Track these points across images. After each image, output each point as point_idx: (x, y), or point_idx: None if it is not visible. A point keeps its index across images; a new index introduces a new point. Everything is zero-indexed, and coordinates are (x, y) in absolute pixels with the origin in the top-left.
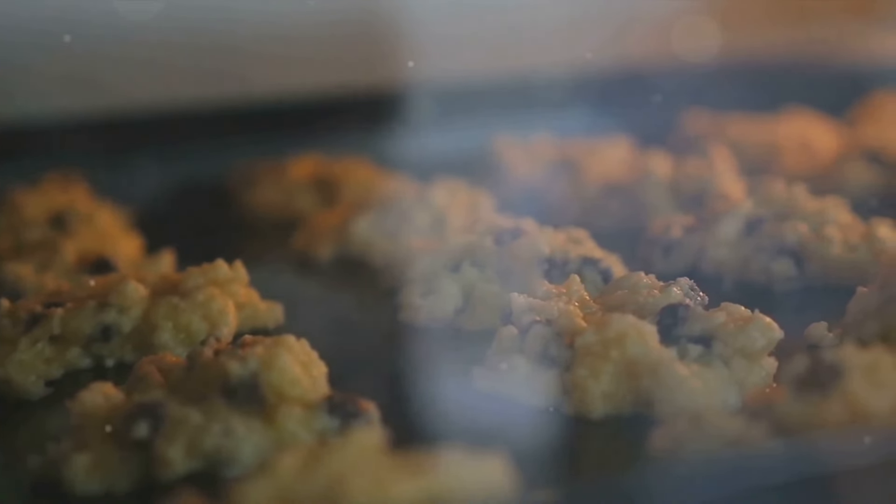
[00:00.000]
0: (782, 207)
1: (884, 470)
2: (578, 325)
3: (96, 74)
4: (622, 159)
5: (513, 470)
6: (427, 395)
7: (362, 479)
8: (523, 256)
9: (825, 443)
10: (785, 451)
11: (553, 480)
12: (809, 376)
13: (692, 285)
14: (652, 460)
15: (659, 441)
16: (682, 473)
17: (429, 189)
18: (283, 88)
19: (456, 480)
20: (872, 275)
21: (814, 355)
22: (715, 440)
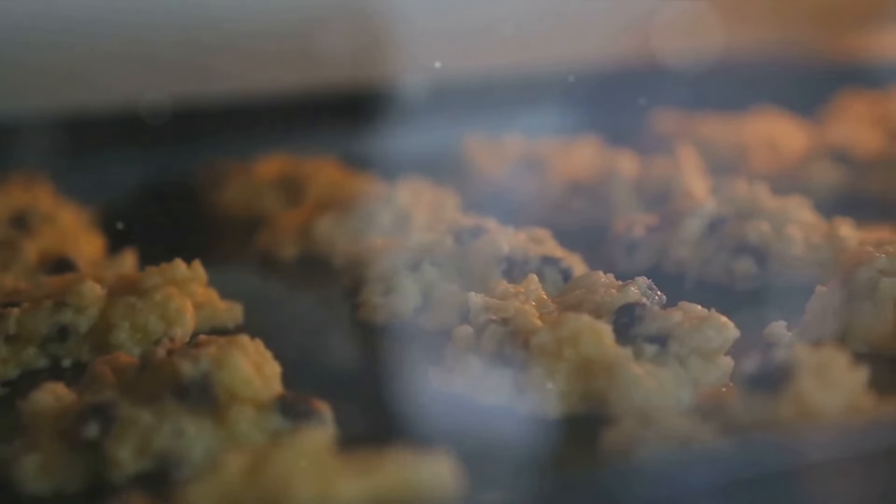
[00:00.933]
0: (745, 207)
1: (834, 468)
2: (534, 325)
3: (61, 73)
4: (590, 159)
5: (461, 469)
6: (383, 395)
7: (308, 479)
8: (483, 256)
9: (776, 441)
10: (735, 450)
11: (507, 480)
12: (761, 375)
13: (650, 284)
14: (604, 459)
15: (610, 440)
16: (633, 472)
17: (393, 189)
18: (253, 87)
19: (402, 480)
20: (833, 274)
21: (765, 354)
22: (666, 439)
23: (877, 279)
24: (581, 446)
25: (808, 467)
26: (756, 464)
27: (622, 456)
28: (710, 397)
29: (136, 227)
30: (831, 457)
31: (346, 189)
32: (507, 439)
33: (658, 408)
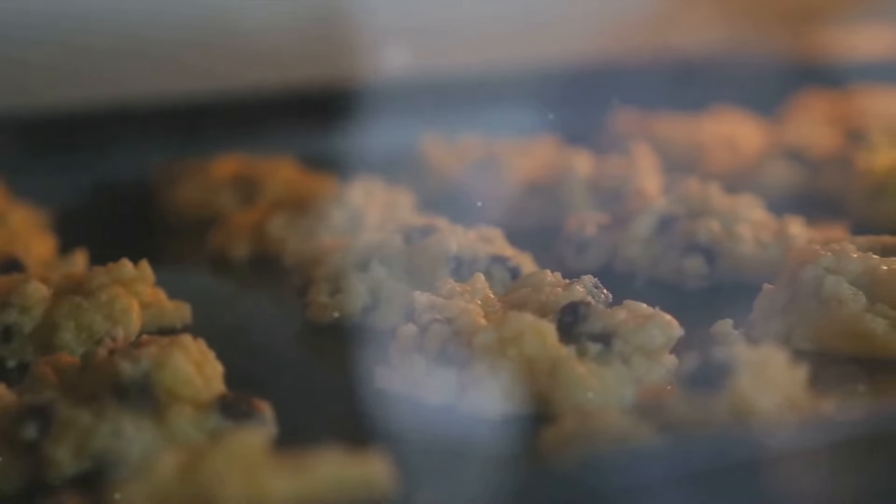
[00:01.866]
0: (696, 206)
1: (772, 464)
2: (477, 324)
3: (15, 73)
4: (547, 158)
5: (400, 468)
6: (327, 394)
7: (239, 479)
8: (431, 255)
9: (714, 439)
10: (672, 448)
11: (447, 478)
12: (700, 374)
13: (596, 283)
14: (543, 458)
15: (550, 439)
16: (571, 471)
17: (346, 188)
18: (210, 86)
19: (335, 479)
20: (781, 272)
21: (705, 353)
22: (605, 438)
23: (822, 277)
24: (523, 445)
25: (745, 464)
26: (693, 461)
27: (561, 454)
28: (650, 395)
29: (90, 227)
30: (769, 454)
31: (301, 188)
32: (449, 438)
33: (598, 406)
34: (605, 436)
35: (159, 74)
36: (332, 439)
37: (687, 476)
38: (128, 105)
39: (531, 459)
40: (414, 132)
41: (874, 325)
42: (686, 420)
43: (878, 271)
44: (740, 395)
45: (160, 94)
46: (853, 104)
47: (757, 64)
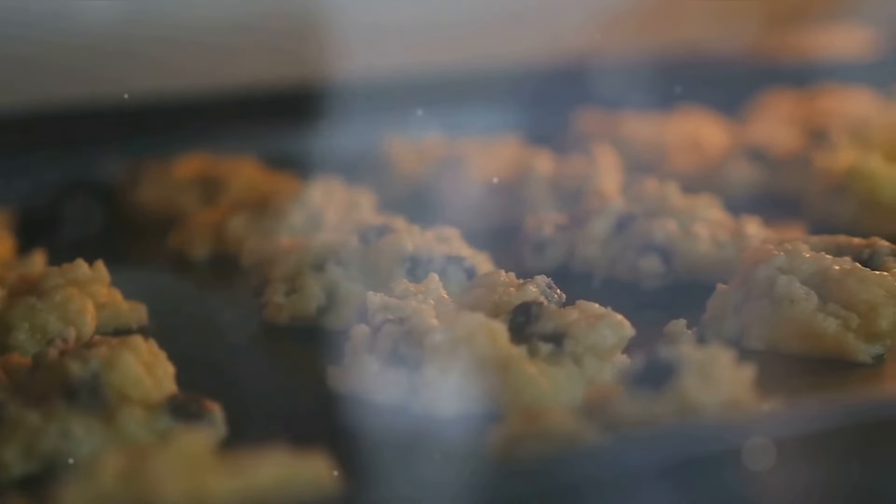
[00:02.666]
0: (654, 205)
1: (714, 464)
2: (429, 324)
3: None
4: (510, 158)
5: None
6: (280, 395)
7: (182, 480)
8: (387, 255)
9: (657, 438)
10: (615, 447)
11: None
12: (646, 373)
13: (549, 283)
14: (491, 458)
15: (497, 439)
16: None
17: (306, 188)
18: (175, 85)
19: (277, 480)
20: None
21: (650, 353)
22: (551, 437)
23: (775, 277)
24: (473, 445)
25: (688, 463)
26: (637, 460)
27: (509, 454)
28: (597, 395)
29: (51, 227)
30: (713, 452)
31: (263, 188)
32: (399, 438)
33: (545, 406)
34: (551, 435)
35: (122, 73)
36: (283, 440)
37: (630, 475)
38: (90, 104)
39: (481, 459)
40: (378, 132)
41: (825, 325)
42: (631, 419)
43: (830, 271)
44: (685, 395)
45: (123, 93)
46: (817, 104)
47: (724, 64)
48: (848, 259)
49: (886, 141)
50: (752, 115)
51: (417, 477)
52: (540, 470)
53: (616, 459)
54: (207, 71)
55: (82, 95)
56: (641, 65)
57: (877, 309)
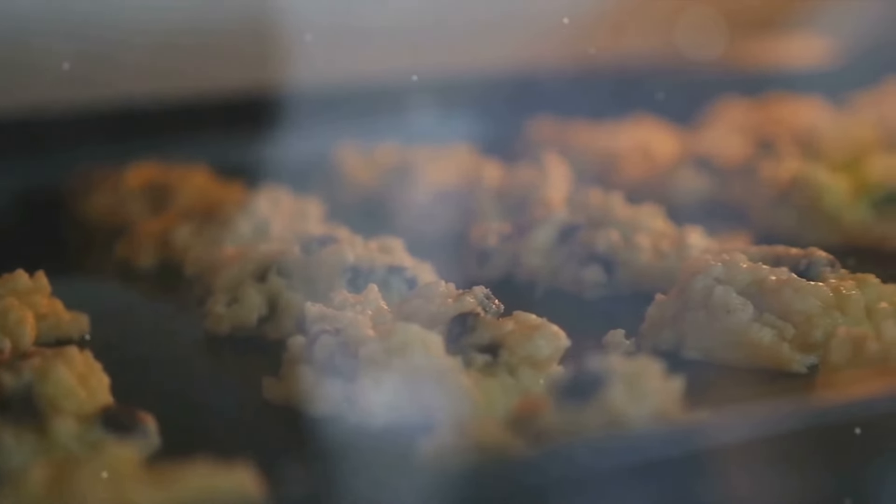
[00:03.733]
0: (597, 215)
1: (643, 475)
2: (365, 335)
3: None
4: (460, 166)
5: (266, 480)
6: (216, 406)
7: (106, 492)
8: (328, 265)
9: (582, 449)
10: (541, 459)
11: (327, 488)
12: (573, 385)
13: (487, 294)
14: (422, 468)
15: (426, 449)
16: (444, 481)
17: (253, 197)
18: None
19: (202, 492)
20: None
21: (578, 364)
22: (479, 448)
23: (711, 287)
24: (405, 456)
25: (614, 474)
26: (562, 471)
27: (438, 465)
28: (527, 406)
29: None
30: (639, 463)
31: (212, 198)
32: (332, 449)
33: (477, 417)
34: (480, 446)
35: (72, 82)
36: (215, 451)
37: (556, 485)
38: (41, 113)
39: (412, 470)
40: (331, 140)
41: (761, 335)
42: (559, 431)
43: (766, 282)
44: (612, 406)
45: (73, 102)
46: (769, 113)
47: (678, 73)
48: (785, 270)
49: (835, 150)
50: (704, 125)
51: (347, 488)
52: (468, 480)
53: (542, 470)
54: (159, 80)
55: (31, 104)
56: (595, 74)
57: (812, 319)
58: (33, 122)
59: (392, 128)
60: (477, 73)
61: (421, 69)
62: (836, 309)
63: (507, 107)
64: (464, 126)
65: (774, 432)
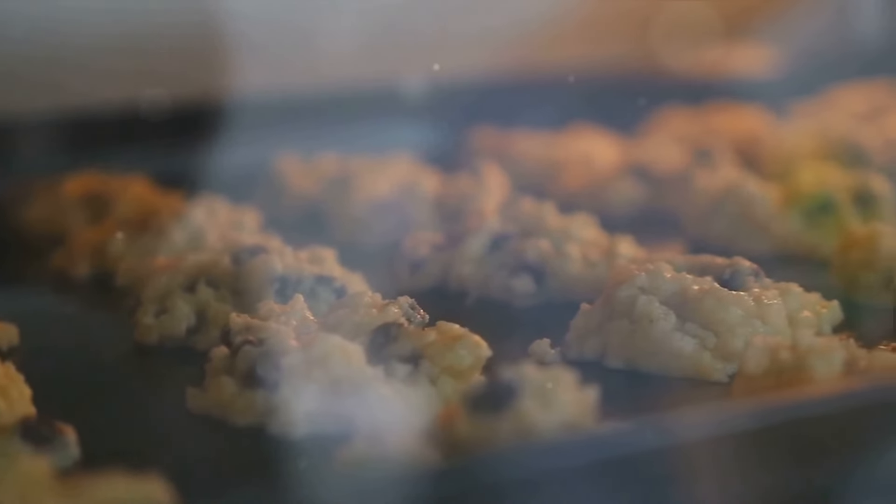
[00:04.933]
0: (529, 225)
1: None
2: (287, 345)
3: None
4: (399, 176)
5: (181, 492)
6: (139, 417)
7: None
8: (257, 276)
9: (496, 459)
10: (452, 469)
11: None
12: (485, 395)
13: (412, 304)
14: (335, 478)
15: (342, 459)
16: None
17: (188, 207)
18: (67, 103)
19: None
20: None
21: (490, 374)
22: (394, 458)
23: (635, 297)
24: (326, 466)
25: (524, 483)
26: (475, 481)
27: (352, 475)
28: (442, 417)
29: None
30: (550, 473)
31: (150, 207)
32: (252, 460)
33: (392, 427)
34: (395, 456)
35: (12, 91)
36: (135, 462)
37: (467, 495)
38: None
39: (329, 480)
40: (273, 150)
41: (682, 344)
42: (471, 440)
43: (689, 291)
44: (524, 416)
45: (11, 110)
46: (709, 122)
47: (621, 82)
48: (709, 279)
49: (772, 159)
50: (644, 133)
51: (262, 498)
52: (383, 490)
53: (455, 480)
54: (100, 88)
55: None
56: (540, 83)
57: (733, 329)
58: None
59: (336, 138)
60: (421, 83)
61: (366, 79)
62: (757, 318)
63: (450, 116)
64: (407, 136)
65: (683, 440)
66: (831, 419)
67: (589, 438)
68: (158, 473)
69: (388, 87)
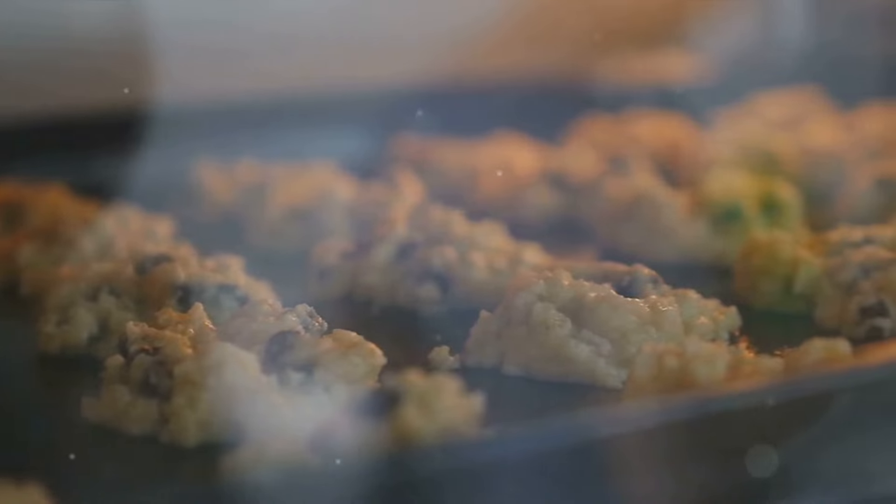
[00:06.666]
0: (437, 233)
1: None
2: (181, 354)
3: None
4: (317, 184)
5: (57, 501)
6: (33, 426)
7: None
8: (160, 284)
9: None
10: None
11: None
12: (369, 403)
13: (311, 312)
14: (219, 486)
15: (228, 466)
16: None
17: (99, 216)
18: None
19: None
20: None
21: (385, 380)
22: (278, 465)
23: (532, 304)
24: (214, 475)
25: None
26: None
27: (238, 482)
28: (327, 424)
29: None
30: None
31: (64, 216)
32: (140, 470)
33: (280, 435)
34: (280, 463)
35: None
36: (24, 471)
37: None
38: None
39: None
40: (195, 158)
41: (577, 351)
42: (355, 447)
43: (586, 298)
44: (406, 423)
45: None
46: (628, 130)
47: (547, 90)
48: (607, 286)
49: (689, 167)
50: (566, 141)
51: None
52: (266, 498)
53: (335, 486)
54: (17, 97)
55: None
56: (464, 91)
57: (627, 335)
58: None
59: (260, 145)
60: (345, 90)
61: (289, 86)
62: (652, 325)
63: (375, 124)
64: (332, 143)
65: (563, 445)
66: (697, 423)
67: (467, 444)
68: (43, 483)
69: (310, 94)
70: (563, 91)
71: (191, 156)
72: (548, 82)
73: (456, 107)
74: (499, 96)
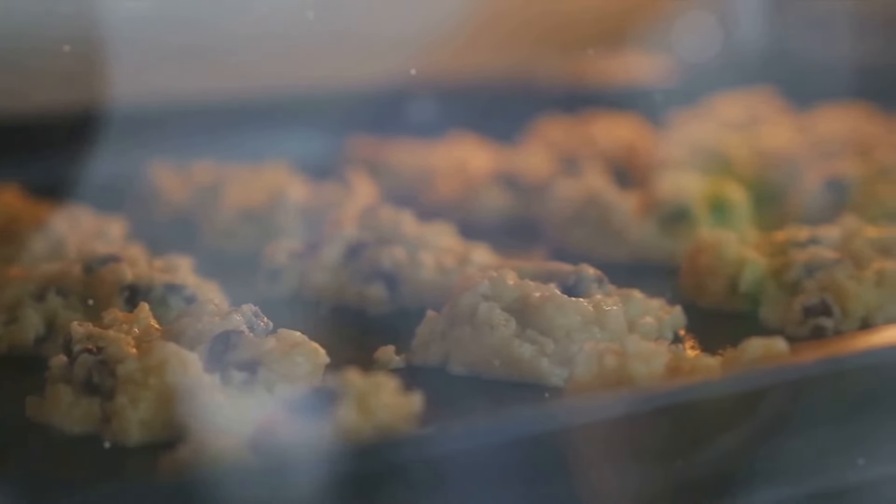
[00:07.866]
0: (386, 233)
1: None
2: (124, 353)
3: None
4: (271, 184)
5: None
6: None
7: None
8: (107, 284)
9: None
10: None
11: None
12: (308, 401)
13: (256, 312)
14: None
15: (167, 465)
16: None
17: (50, 216)
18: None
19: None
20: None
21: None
22: (217, 464)
23: (477, 304)
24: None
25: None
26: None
27: (177, 481)
28: (266, 422)
29: None
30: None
31: (16, 217)
32: (80, 470)
33: (220, 434)
34: (218, 462)
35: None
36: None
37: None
38: None
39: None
40: (149, 158)
41: (521, 350)
42: (292, 444)
43: (530, 298)
44: (344, 422)
45: None
46: (583, 131)
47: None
48: (552, 286)
49: (642, 168)
50: (522, 142)
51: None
52: (202, 495)
53: (272, 483)
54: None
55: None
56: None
57: (571, 335)
58: None
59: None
60: (301, 91)
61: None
62: (596, 324)
63: (331, 124)
64: (285, 144)
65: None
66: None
67: (403, 442)
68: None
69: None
70: (521, 92)
71: (145, 156)
72: (506, 83)
73: (412, 107)
74: (456, 97)
